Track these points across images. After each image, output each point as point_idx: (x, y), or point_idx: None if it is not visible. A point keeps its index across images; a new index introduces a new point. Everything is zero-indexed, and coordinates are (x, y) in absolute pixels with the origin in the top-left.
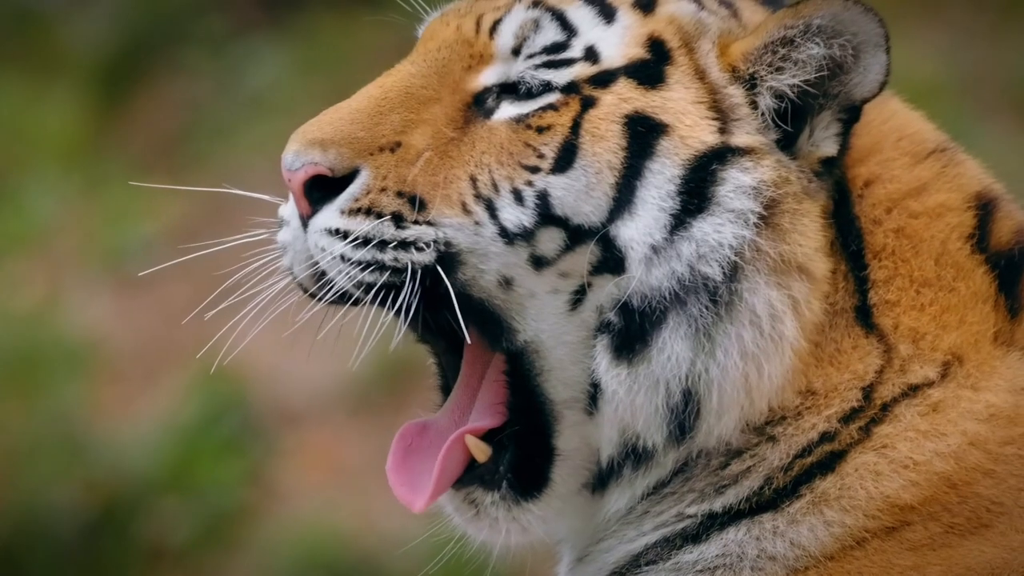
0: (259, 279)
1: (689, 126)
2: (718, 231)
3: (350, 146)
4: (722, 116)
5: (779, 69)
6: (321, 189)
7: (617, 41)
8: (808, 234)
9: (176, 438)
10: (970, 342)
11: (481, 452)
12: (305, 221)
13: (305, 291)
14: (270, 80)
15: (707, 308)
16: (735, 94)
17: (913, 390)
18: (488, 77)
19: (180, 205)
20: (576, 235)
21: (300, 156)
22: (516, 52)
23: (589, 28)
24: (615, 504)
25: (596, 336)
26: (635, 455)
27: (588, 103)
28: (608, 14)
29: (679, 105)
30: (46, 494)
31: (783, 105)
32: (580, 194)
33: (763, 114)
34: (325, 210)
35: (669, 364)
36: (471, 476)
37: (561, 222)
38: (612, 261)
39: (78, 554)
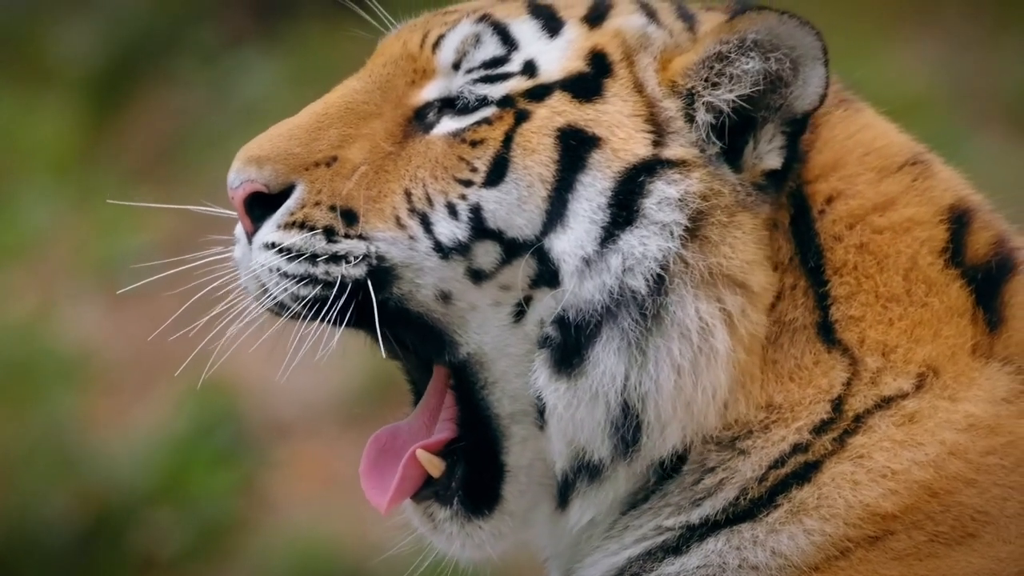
0: (223, 295)
1: (623, 139)
2: (643, 243)
3: (285, 162)
4: (657, 129)
5: (715, 84)
6: (262, 206)
7: (558, 55)
8: (739, 247)
9: (168, 449)
10: (946, 354)
11: (434, 467)
12: (250, 238)
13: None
14: (262, 91)
15: (637, 322)
16: (671, 107)
17: (887, 402)
18: (430, 92)
19: (172, 217)
20: (511, 248)
21: (239, 174)
22: (456, 67)
23: (531, 42)
24: (578, 518)
25: (537, 351)
26: (587, 469)
27: (522, 117)
28: (554, 28)
29: (614, 118)
30: (38, 505)
31: (721, 119)
32: (512, 207)
33: (701, 128)
34: (265, 226)
35: (605, 378)
36: (428, 490)
37: (495, 235)
38: (548, 274)
39: (70, 565)
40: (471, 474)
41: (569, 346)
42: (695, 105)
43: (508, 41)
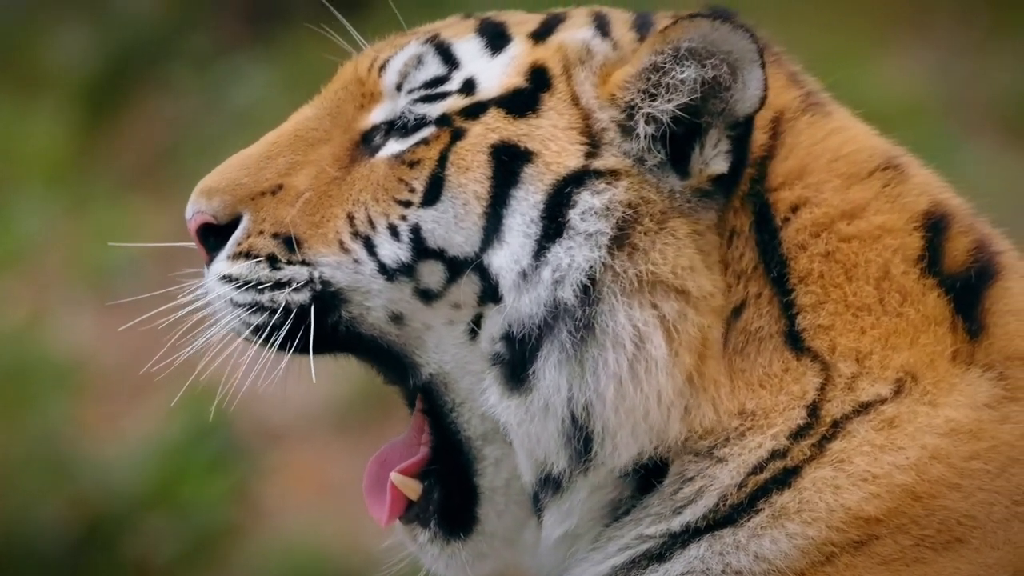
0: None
1: (555, 152)
2: (570, 255)
3: (232, 193)
4: (592, 140)
5: (652, 96)
6: (216, 236)
7: (498, 72)
8: (671, 253)
9: (161, 456)
10: (924, 361)
11: (411, 490)
12: (207, 268)
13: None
14: (255, 97)
15: (572, 333)
16: (604, 118)
17: (865, 407)
18: (377, 116)
19: (166, 224)
20: (454, 266)
21: (192, 206)
22: (399, 88)
23: (472, 60)
24: (550, 531)
25: (488, 369)
26: (551, 482)
27: (457, 135)
28: (499, 46)
29: (548, 132)
30: (31, 512)
31: (663, 129)
32: (450, 226)
33: (643, 139)
34: (218, 257)
35: (550, 391)
36: (411, 512)
37: (437, 254)
38: (490, 290)
39: (64, 572)
40: (445, 498)
41: (516, 362)
42: (635, 117)
43: (450, 60)
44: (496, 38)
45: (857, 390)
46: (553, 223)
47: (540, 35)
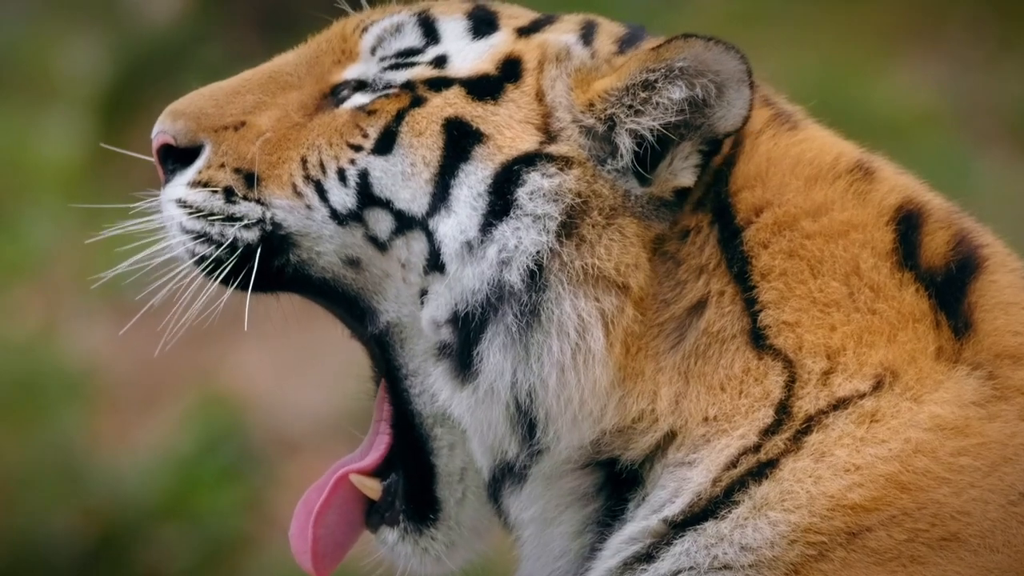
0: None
1: (509, 137)
2: (517, 235)
3: (196, 120)
4: (549, 135)
5: (638, 112)
6: (175, 160)
7: (474, 56)
8: (616, 250)
9: (174, 466)
10: (904, 358)
11: (371, 490)
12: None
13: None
14: None
15: (518, 317)
16: (565, 118)
17: (843, 402)
18: (350, 73)
19: None
20: (401, 219)
21: (158, 125)
22: (374, 52)
23: (452, 39)
24: (517, 514)
25: (436, 363)
26: (507, 470)
27: (417, 101)
28: (482, 32)
29: (503, 120)
30: (44, 522)
31: (644, 145)
32: (397, 178)
33: (621, 151)
34: (175, 181)
35: (495, 374)
36: (375, 516)
37: (384, 204)
38: (435, 256)
39: None
40: (409, 481)
41: (463, 348)
42: (616, 129)
43: (430, 34)
44: (483, 24)
45: (833, 386)
46: (500, 199)
47: (527, 31)
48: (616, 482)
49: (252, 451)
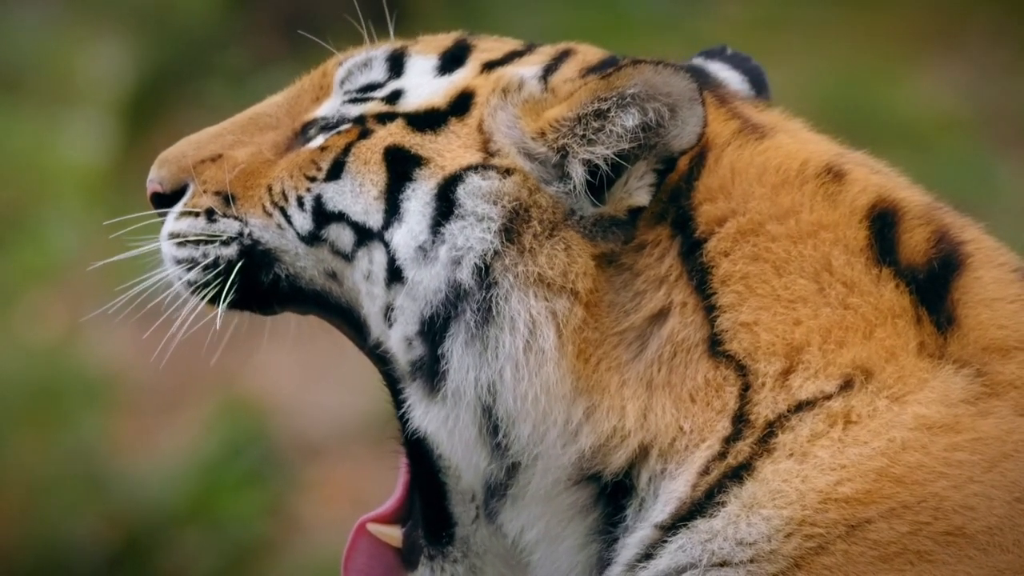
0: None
1: (450, 158)
2: (464, 234)
3: (178, 163)
4: (488, 155)
5: (591, 141)
6: (167, 205)
7: (429, 92)
8: (559, 259)
9: (197, 471)
10: (880, 356)
11: (392, 539)
12: None
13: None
14: None
15: (474, 313)
16: (504, 143)
17: (807, 404)
18: (321, 110)
19: None
20: (360, 231)
21: (150, 175)
22: (341, 86)
23: (414, 76)
24: (519, 535)
25: (411, 382)
26: (490, 486)
27: (365, 134)
28: (448, 68)
29: (443, 146)
30: (67, 527)
31: (598, 174)
32: (347, 195)
33: (578, 183)
34: (168, 220)
35: (459, 374)
36: (410, 558)
37: (339, 216)
38: (393, 263)
39: None
40: (424, 499)
41: (431, 353)
42: (568, 158)
43: (395, 69)
44: (451, 62)
45: (792, 388)
46: (445, 202)
47: (493, 65)
48: (610, 492)
49: (275, 455)
